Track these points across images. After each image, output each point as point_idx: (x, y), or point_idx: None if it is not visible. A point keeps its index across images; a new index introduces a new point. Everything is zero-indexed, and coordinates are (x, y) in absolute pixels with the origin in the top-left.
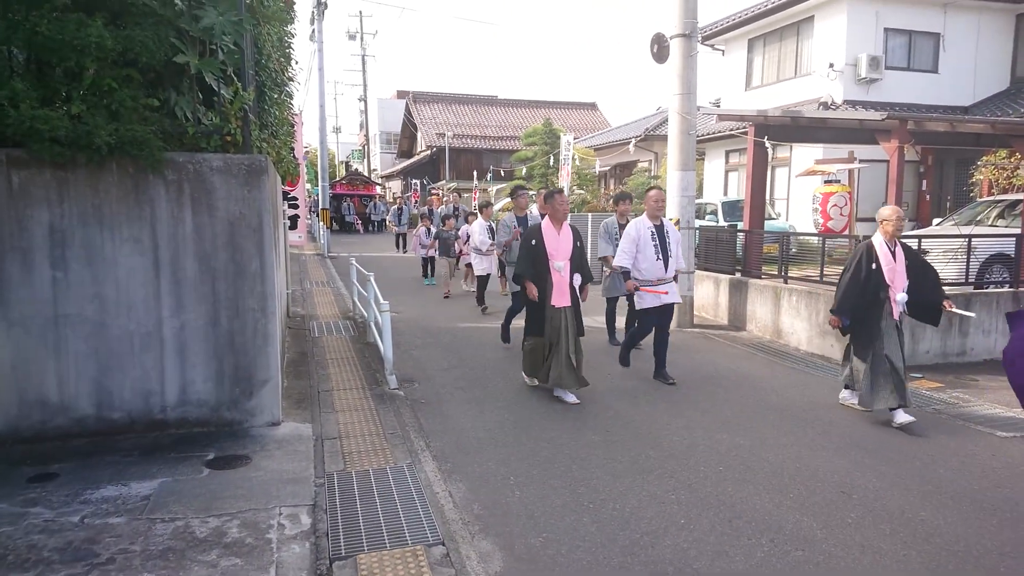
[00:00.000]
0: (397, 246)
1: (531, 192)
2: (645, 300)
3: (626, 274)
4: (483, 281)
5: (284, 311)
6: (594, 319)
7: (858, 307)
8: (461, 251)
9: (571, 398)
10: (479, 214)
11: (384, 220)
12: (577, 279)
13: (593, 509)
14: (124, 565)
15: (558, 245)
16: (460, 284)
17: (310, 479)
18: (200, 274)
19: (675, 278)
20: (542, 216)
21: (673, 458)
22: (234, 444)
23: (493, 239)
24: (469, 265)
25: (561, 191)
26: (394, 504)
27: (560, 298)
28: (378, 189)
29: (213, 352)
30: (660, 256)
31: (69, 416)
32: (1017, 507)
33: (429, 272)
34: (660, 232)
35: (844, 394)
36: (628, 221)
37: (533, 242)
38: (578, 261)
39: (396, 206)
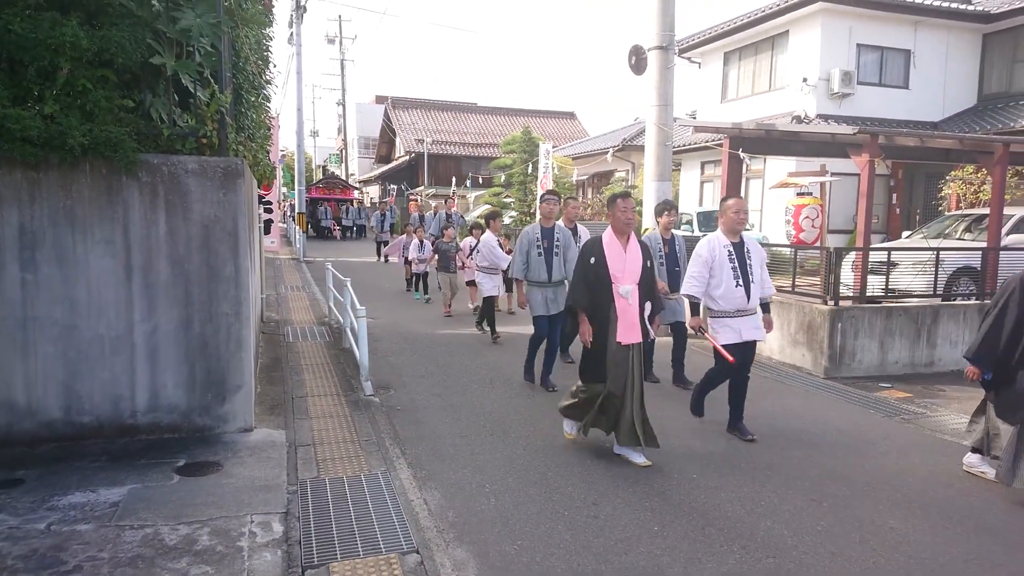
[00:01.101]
0: (379, 254)
1: (510, 200)
2: (720, 336)
3: (695, 306)
4: (490, 304)
5: (258, 316)
6: None
7: (1007, 357)
8: (463, 265)
9: (640, 459)
10: (486, 226)
11: (362, 226)
12: (648, 308)
13: (568, 516)
14: (92, 573)
15: (624, 265)
16: (467, 304)
17: (283, 486)
18: (173, 277)
19: (765, 307)
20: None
21: (647, 466)
22: (205, 450)
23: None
24: (472, 283)
25: (627, 195)
26: (368, 512)
27: (627, 333)
28: (355, 193)
29: (185, 357)
30: (740, 282)
31: (36, 420)
32: (983, 516)
33: (421, 288)
34: (740, 252)
35: (971, 459)
36: (671, 236)
37: (592, 260)
38: (648, 285)
39: (379, 212)
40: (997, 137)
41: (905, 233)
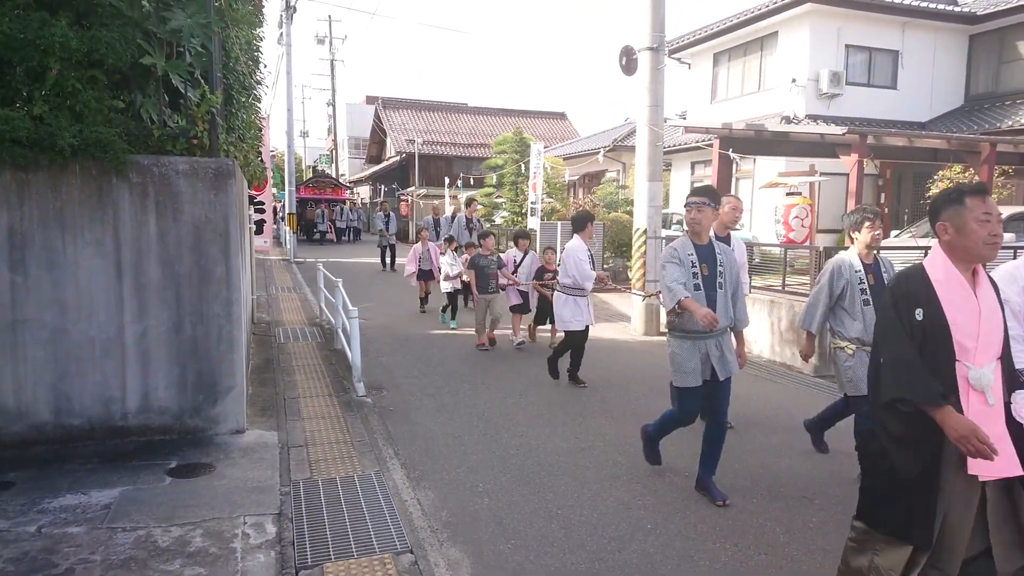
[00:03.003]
0: (383, 261)
1: (501, 200)
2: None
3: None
4: (579, 342)
5: (249, 317)
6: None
7: None
8: (503, 286)
9: None
10: (576, 230)
11: (356, 228)
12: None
13: (562, 515)
14: (84, 575)
15: (979, 325)
16: (510, 338)
17: (275, 487)
18: (164, 279)
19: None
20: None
21: (640, 464)
22: (197, 452)
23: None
24: (516, 309)
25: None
26: (362, 512)
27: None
28: (348, 193)
29: (176, 358)
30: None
31: (27, 423)
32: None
33: (451, 311)
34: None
35: None
36: (875, 259)
37: (918, 313)
38: (1006, 362)
39: (382, 212)
40: (984, 137)
41: (894, 232)
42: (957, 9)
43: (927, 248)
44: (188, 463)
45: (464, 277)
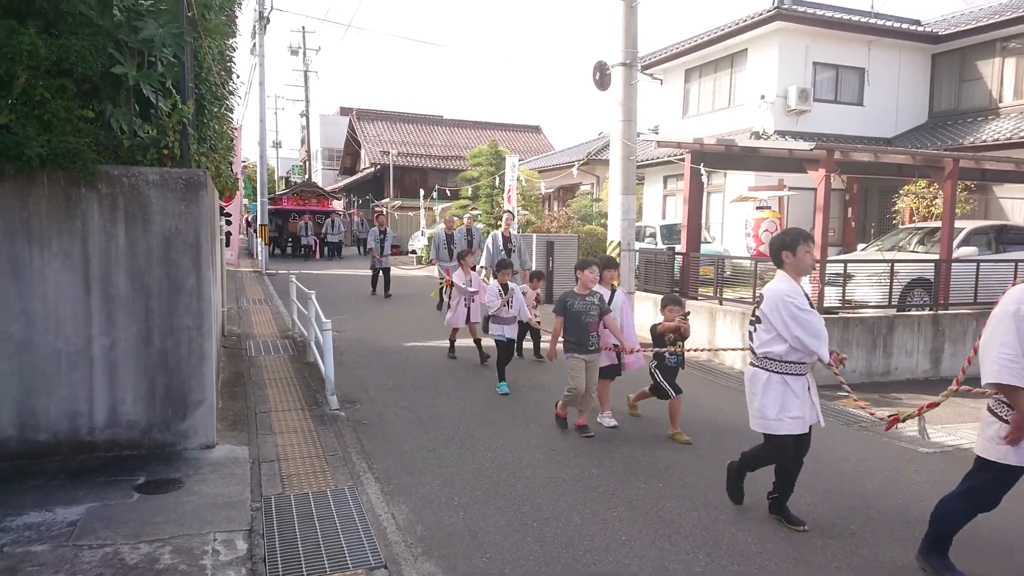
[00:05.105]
0: (373, 285)
1: (476, 212)
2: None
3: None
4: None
5: (220, 330)
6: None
7: None
8: (611, 346)
9: None
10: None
11: (338, 243)
12: None
13: (537, 528)
14: None
15: None
16: (601, 419)
17: (246, 503)
18: (133, 291)
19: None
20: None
21: (614, 476)
22: (166, 467)
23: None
24: (605, 373)
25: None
26: (335, 527)
27: None
28: (335, 204)
29: (145, 371)
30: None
31: None
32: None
33: (499, 365)
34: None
35: None
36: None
37: None
38: None
39: (377, 227)
40: (947, 153)
41: (860, 246)
42: (920, 29)
43: (892, 261)
44: (157, 479)
45: (532, 319)
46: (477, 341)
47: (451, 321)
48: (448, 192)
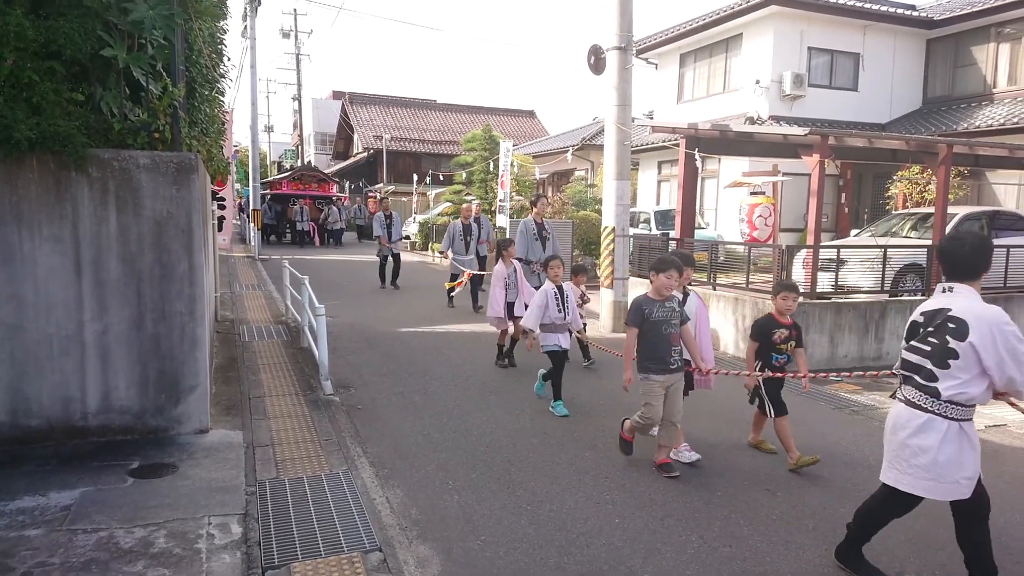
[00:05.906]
0: (382, 277)
1: (471, 197)
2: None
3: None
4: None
5: (213, 315)
6: None
7: None
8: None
9: None
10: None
11: (339, 230)
12: None
13: (531, 511)
14: None
15: None
16: (678, 454)
17: (240, 487)
18: (125, 275)
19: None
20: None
21: (608, 460)
22: (160, 452)
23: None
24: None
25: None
26: (329, 511)
27: None
28: (336, 188)
29: (137, 357)
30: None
31: None
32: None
33: (554, 379)
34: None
35: None
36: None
37: None
38: None
39: (383, 212)
40: (941, 139)
41: (854, 231)
42: (916, 14)
43: (885, 246)
44: (150, 463)
45: (581, 331)
46: (513, 340)
47: (493, 314)
48: (441, 177)
